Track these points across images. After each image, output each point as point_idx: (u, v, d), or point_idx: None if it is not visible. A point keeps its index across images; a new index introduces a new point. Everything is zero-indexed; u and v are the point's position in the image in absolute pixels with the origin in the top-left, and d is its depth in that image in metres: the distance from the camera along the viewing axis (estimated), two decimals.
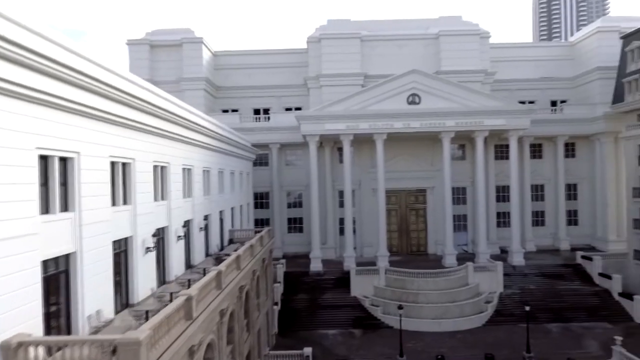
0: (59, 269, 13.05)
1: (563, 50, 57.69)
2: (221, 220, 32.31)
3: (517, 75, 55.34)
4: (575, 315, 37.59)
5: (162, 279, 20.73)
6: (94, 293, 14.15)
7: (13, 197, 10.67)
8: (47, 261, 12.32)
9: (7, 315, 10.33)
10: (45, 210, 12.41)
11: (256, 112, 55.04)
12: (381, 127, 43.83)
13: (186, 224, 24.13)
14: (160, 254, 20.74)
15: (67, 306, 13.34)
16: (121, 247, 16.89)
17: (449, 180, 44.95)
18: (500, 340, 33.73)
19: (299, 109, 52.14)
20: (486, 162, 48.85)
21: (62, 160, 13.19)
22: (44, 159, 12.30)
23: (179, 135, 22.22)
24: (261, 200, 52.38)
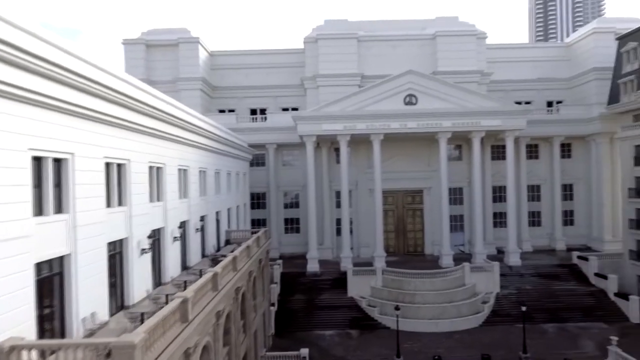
0: (52, 271, 12.93)
1: (559, 51, 57.89)
2: (217, 221, 32.19)
3: (514, 76, 55.50)
4: (571, 316, 37.74)
5: (157, 281, 20.60)
6: (88, 295, 14.03)
7: (6, 199, 10.55)
8: (40, 263, 12.20)
9: None
10: (38, 212, 12.28)
11: (253, 112, 54.92)
12: (378, 127, 43.84)
13: (182, 225, 24.00)
14: (156, 255, 20.61)
15: (61, 309, 13.21)
16: (116, 249, 16.77)
17: (445, 180, 45.01)
18: (496, 341, 33.80)
19: (295, 109, 52.05)
20: (483, 163, 48.97)
21: (56, 161, 13.07)
22: (37, 160, 12.19)
23: (175, 135, 22.11)
24: (258, 201, 52.28)
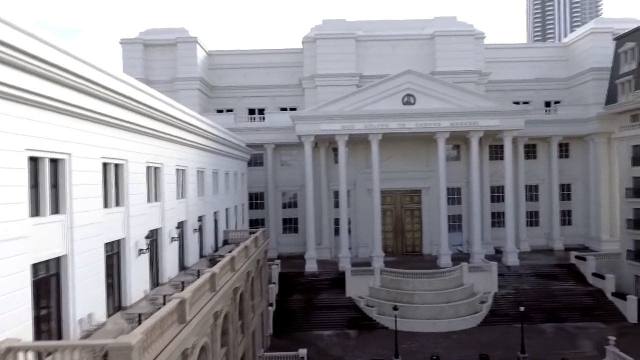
0: (49, 273, 12.86)
1: (557, 52, 57.98)
2: (216, 221, 32.13)
3: (512, 76, 55.57)
4: (569, 316, 37.79)
5: (155, 282, 20.54)
6: (85, 296, 13.97)
7: (2, 200, 10.49)
8: (37, 265, 12.14)
9: None
10: (35, 212, 12.22)
11: (251, 112, 54.86)
12: (376, 127, 43.82)
13: (180, 225, 23.94)
14: (154, 256, 20.55)
15: (58, 310, 13.15)
16: (114, 250, 16.70)
17: (444, 180, 45.02)
18: (495, 341, 33.82)
19: (294, 110, 52.03)
20: (481, 163, 49.02)
21: (53, 162, 13.00)
22: (34, 161, 12.11)
23: (173, 136, 22.05)
24: (256, 201, 52.22)
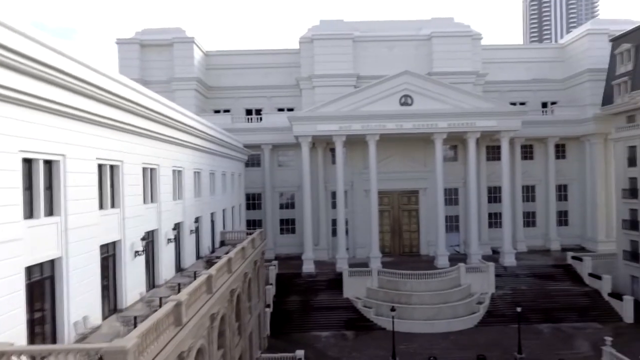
0: (43, 275, 12.73)
1: (553, 52, 58.13)
2: (212, 222, 32.01)
3: (509, 77, 55.66)
4: (566, 316, 37.88)
5: (151, 283, 20.41)
6: (80, 299, 13.85)
7: None
8: (31, 267, 12.01)
9: None
10: (29, 214, 12.09)
11: (248, 112, 54.74)
12: (374, 128, 43.79)
13: (176, 226, 23.81)
14: (150, 257, 20.42)
15: (52, 313, 13.02)
16: (109, 252, 16.58)
17: (441, 181, 45.04)
18: (492, 341, 33.84)
19: (291, 110, 51.94)
20: (478, 163, 49.07)
21: (47, 163, 12.87)
22: (28, 162, 11.99)
23: (169, 136, 21.92)
24: (253, 201, 52.10)
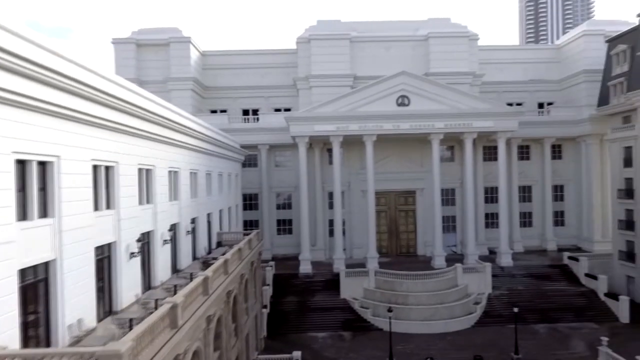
0: (37, 277, 12.60)
1: (550, 53, 58.31)
2: (209, 222, 31.87)
3: (505, 78, 55.80)
4: (562, 316, 37.97)
5: (147, 285, 20.27)
6: (75, 301, 13.71)
7: None
8: (24, 269, 11.88)
9: None
10: (22, 216, 11.96)
11: (245, 112, 54.60)
12: (371, 128, 43.77)
13: (172, 227, 23.67)
14: (145, 259, 20.29)
15: (46, 316, 12.89)
16: (104, 253, 16.45)
17: (438, 181, 45.07)
18: (488, 342, 33.88)
19: (288, 110, 51.84)
20: (475, 164, 49.14)
21: (41, 164, 12.74)
22: (21, 164, 11.86)
23: (165, 137, 21.79)
24: (250, 202, 51.98)
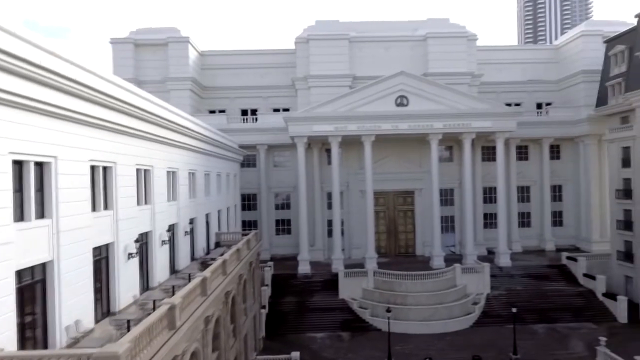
0: (34, 279, 12.55)
1: (548, 54, 58.38)
2: (207, 223, 31.82)
3: (504, 78, 55.85)
4: (560, 316, 37.99)
5: (145, 286, 20.22)
6: (72, 302, 13.66)
7: None
8: (21, 271, 11.82)
9: None
10: (19, 217, 11.90)
11: (244, 112, 54.53)
12: (369, 128, 43.74)
13: (171, 228, 23.62)
14: (144, 259, 20.23)
15: (43, 317, 12.84)
16: (102, 254, 16.39)
17: (436, 181, 45.06)
18: (487, 342, 33.87)
19: (286, 110, 51.79)
20: (473, 164, 49.17)
21: (38, 165, 12.68)
22: (18, 164, 11.80)
23: (163, 137, 21.73)
24: (249, 202, 51.91)
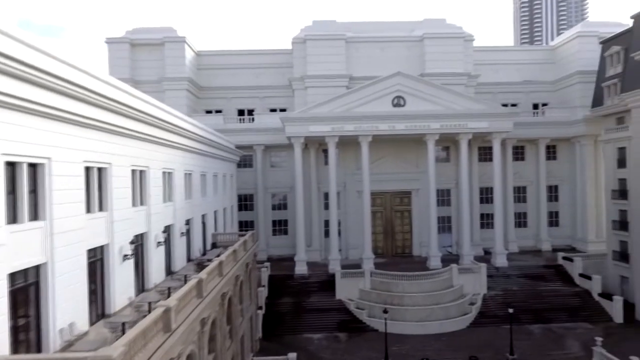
0: (28, 281, 12.41)
1: (544, 54, 58.57)
2: (204, 224, 31.67)
3: (500, 79, 55.99)
4: (556, 316, 38.09)
5: (140, 287, 20.07)
6: (66, 305, 13.52)
7: None
8: (14, 273, 11.68)
9: None
10: (12, 219, 11.76)
11: (240, 113, 54.40)
12: (366, 129, 43.71)
13: (167, 229, 23.48)
14: (139, 261, 20.09)
15: (37, 320, 12.69)
16: (97, 256, 16.24)
17: (433, 182, 45.10)
18: (484, 342, 33.92)
19: (283, 110, 51.70)
20: (470, 164, 49.23)
21: (32, 166, 12.54)
22: (11, 166, 11.66)
23: (159, 138, 21.59)
24: (245, 203, 51.76)
